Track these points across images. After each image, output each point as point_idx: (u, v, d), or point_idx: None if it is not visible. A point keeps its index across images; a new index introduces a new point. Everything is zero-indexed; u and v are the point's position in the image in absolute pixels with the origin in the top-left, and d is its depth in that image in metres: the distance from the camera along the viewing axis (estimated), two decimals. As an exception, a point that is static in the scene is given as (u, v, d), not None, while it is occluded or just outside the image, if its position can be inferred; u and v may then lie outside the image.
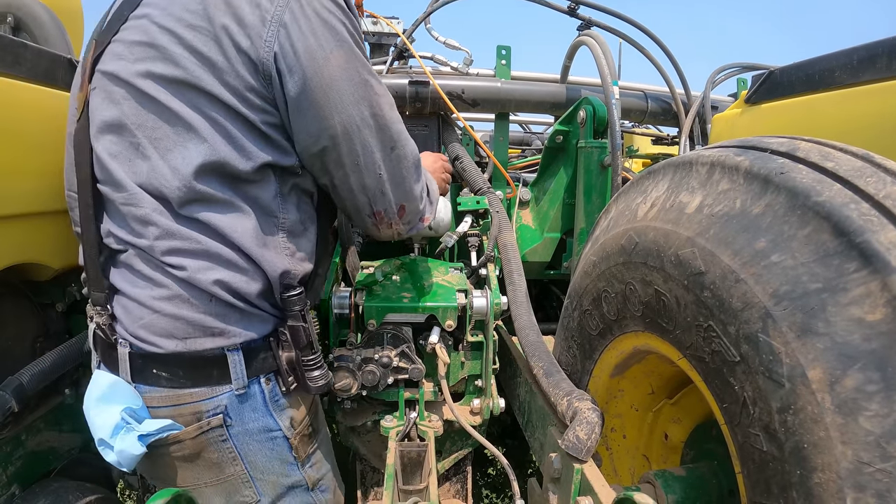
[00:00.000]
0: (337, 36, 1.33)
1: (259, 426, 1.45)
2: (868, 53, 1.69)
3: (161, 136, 1.31)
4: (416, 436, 1.85)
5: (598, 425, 1.33)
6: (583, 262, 1.66)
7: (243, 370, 1.39)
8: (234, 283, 1.35)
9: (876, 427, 0.85)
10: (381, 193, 1.47)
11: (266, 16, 1.28)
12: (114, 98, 1.34)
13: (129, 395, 1.36)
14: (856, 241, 0.92)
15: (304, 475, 1.56)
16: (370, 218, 1.52)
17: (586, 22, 2.96)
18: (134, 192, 1.32)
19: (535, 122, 5.22)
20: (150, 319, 1.34)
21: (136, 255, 1.36)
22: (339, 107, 1.34)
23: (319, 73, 1.31)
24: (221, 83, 1.29)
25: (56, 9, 2.51)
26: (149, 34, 1.31)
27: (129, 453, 1.30)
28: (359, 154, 1.40)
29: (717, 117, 2.59)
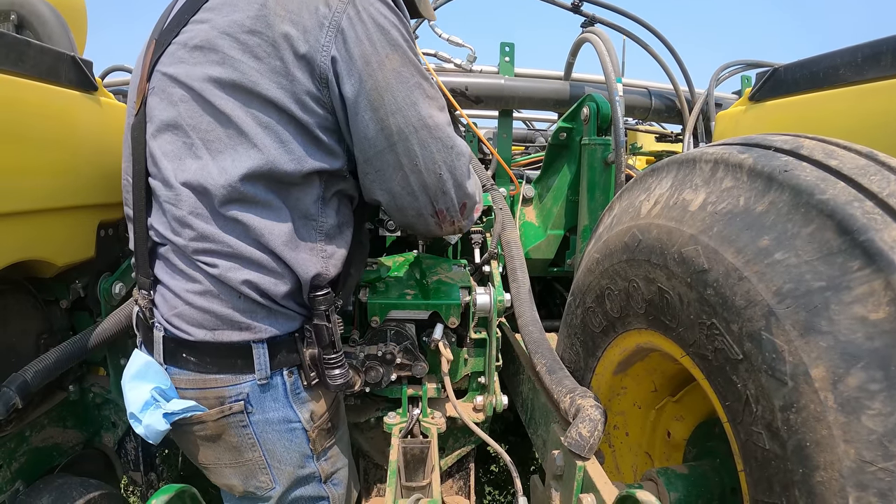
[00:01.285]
0: (391, 40, 1.38)
1: (279, 416, 1.51)
2: (872, 51, 1.68)
3: (214, 138, 1.36)
4: (419, 432, 1.85)
5: (601, 422, 1.32)
6: (586, 259, 1.66)
7: (267, 362, 1.46)
8: (262, 284, 1.41)
9: (878, 426, 0.85)
10: (441, 192, 1.51)
11: (324, 21, 1.33)
12: (172, 99, 1.39)
13: (159, 375, 1.46)
14: (859, 239, 0.91)
15: (318, 467, 1.60)
16: (433, 218, 1.56)
17: (590, 19, 2.96)
18: (178, 192, 1.38)
19: (539, 119, 5.22)
20: (183, 310, 1.42)
21: (173, 250, 1.43)
22: (395, 109, 1.38)
23: (374, 76, 1.36)
24: (278, 86, 1.33)
25: (59, 6, 2.50)
26: (209, 39, 1.35)
27: (155, 428, 1.40)
28: (417, 154, 1.44)
29: (720, 114, 2.59)
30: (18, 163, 1.57)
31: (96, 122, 1.88)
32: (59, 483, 1.86)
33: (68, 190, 1.78)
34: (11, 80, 1.54)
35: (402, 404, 1.91)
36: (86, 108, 1.84)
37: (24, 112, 1.59)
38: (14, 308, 1.88)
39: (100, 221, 2.01)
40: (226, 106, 1.34)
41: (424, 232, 1.66)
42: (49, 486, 1.84)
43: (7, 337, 1.85)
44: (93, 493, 1.85)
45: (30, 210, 1.64)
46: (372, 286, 1.92)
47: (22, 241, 1.66)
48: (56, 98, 1.71)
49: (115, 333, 1.93)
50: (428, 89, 1.45)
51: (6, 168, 1.53)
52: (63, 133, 1.74)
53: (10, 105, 1.53)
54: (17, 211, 1.60)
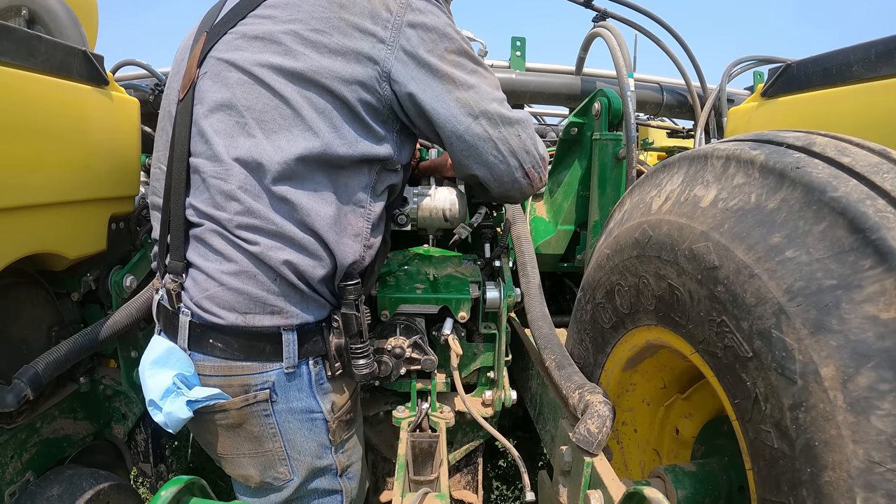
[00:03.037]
0: (446, 33, 1.48)
1: (302, 406, 1.51)
2: (886, 48, 1.67)
3: (269, 119, 1.39)
4: (428, 427, 1.86)
5: (610, 419, 1.32)
6: (596, 254, 1.65)
7: (295, 350, 1.47)
8: (302, 266, 1.42)
9: (888, 426, 0.84)
10: (525, 152, 1.61)
11: (387, 24, 1.42)
12: (227, 82, 1.43)
13: (183, 361, 1.44)
14: (871, 237, 0.91)
15: (335, 459, 1.61)
16: (524, 179, 1.64)
17: (602, 13, 2.94)
18: (229, 167, 1.40)
19: (550, 114, 5.21)
20: (215, 291, 1.42)
21: (212, 229, 1.43)
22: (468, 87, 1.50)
23: (441, 66, 1.46)
24: (338, 79, 1.39)
25: (70, 1, 2.52)
26: (271, 32, 1.41)
27: (176, 416, 1.39)
28: (498, 122, 1.54)
29: (732, 110, 2.57)
30: (31, 157, 1.58)
31: (107, 116, 1.89)
32: (70, 474, 1.87)
33: (80, 183, 1.79)
34: (23, 74, 1.54)
35: (411, 398, 1.91)
36: (97, 102, 1.85)
37: (36, 106, 1.59)
38: (26, 300, 1.90)
39: (111, 215, 2.02)
40: (284, 90, 1.38)
41: (519, 196, 1.74)
42: (59, 476, 1.86)
43: (19, 329, 1.87)
44: (102, 484, 1.87)
45: (41, 203, 1.65)
46: (382, 280, 1.93)
47: (34, 235, 1.67)
48: (67, 92, 1.72)
49: (126, 326, 1.94)
50: (483, 70, 1.58)
51: (18, 162, 1.54)
52: (74, 127, 1.75)
53: (21, 99, 1.54)
54: (29, 204, 1.61)
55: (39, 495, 1.78)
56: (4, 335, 1.82)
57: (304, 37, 1.39)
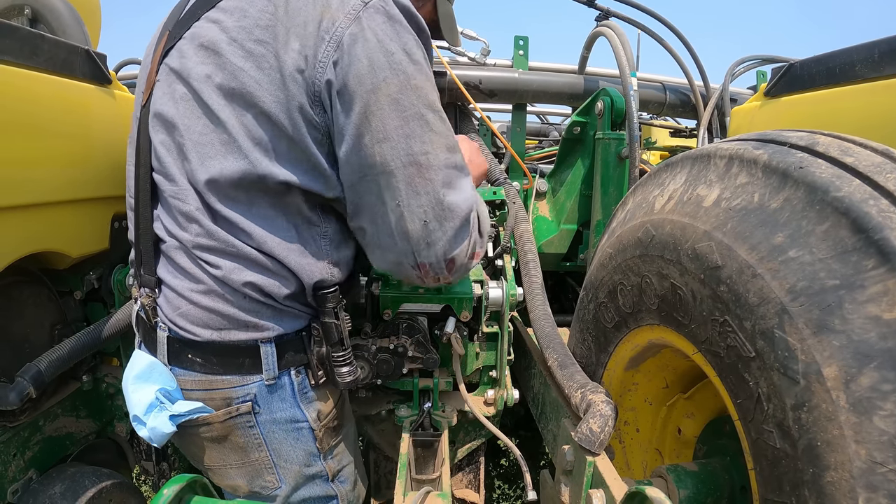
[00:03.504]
0: (394, 63, 1.27)
1: (286, 416, 1.49)
2: (889, 47, 1.66)
3: (206, 142, 1.33)
4: (430, 425, 1.85)
5: (612, 418, 1.32)
6: (599, 254, 1.65)
7: (275, 362, 1.44)
8: (266, 286, 1.38)
9: (890, 427, 0.84)
10: (426, 245, 1.35)
11: (325, 36, 1.25)
12: (174, 96, 1.38)
13: (164, 376, 1.43)
14: (874, 237, 0.91)
15: (324, 466, 1.59)
16: (414, 270, 1.40)
17: (605, 12, 2.94)
18: (183, 188, 1.36)
19: (553, 113, 5.20)
20: (188, 310, 1.40)
21: (178, 248, 1.40)
22: (382, 137, 1.27)
23: (366, 99, 1.26)
24: (275, 100, 1.28)
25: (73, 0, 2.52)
26: (216, 41, 1.32)
27: (160, 431, 1.38)
28: (401, 194, 1.30)
29: (735, 110, 2.57)
30: (34, 156, 1.58)
31: (110, 114, 1.89)
32: (72, 472, 1.88)
33: (83, 182, 1.80)
34: (26, 73, 1.55)
35: (413, 397, 1.91)
36: (100, 101, 1.85)
37: (39, 105, 1.60)
38: (29, 299, 1.90)
39: (114, 213, 2.02)
40: (221, 112, 1.31)
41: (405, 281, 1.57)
42: (62, 474, 1.86)
43: (22, 327, 1.87)
44: (105, 482, 1.87)
45: (44, 202, 1.66)
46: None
47: (37, 233, 1.67)
48: (70, 91, 1.72)
49: (129, 324, 1.94)
50: (434, 123, 1.32)
51: (22, 160, 1.54)
52: (77, 126, 1.75)
53: (24, 98, 1.54)
54: (32, 203, 1.61)
55: (42, 493, 1.79)
56: (7, 333, 1.82)
57: (246, 49, 1.29)
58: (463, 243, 1.39)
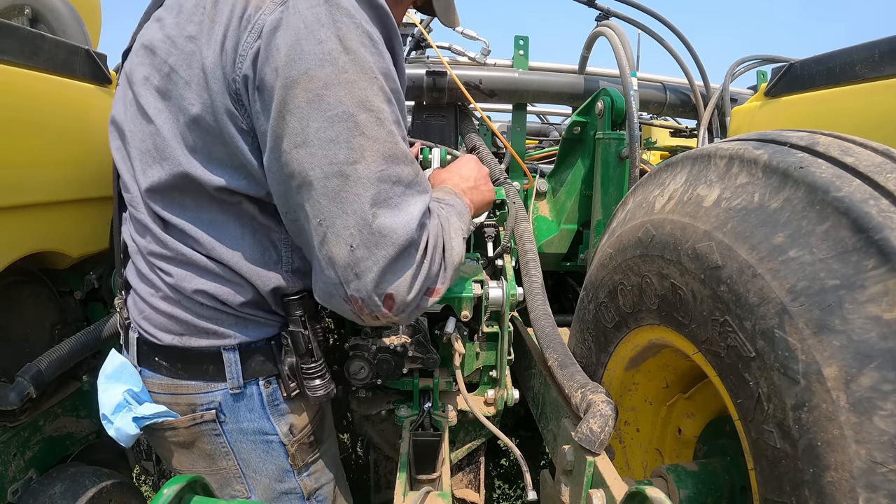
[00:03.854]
0: (324, 53, 1.08)
1: (254, 427, 1.43)
2: (890, 47, 1.66)
3: (145, 149, 1.28)
4: (430, 425, 1.86)
5: (612, 418, 1.32)
6: (599, 254, 1.65)
7: (239, 371, 1.37)
8: (218, 293, 1.32)
9: (891, 427, 0.84)
10: (354, 275, 1.13)
11: (248, 25, 1.11)
12: (126, 100, 1.34)
13: (133, 377, 1.41)
14: (874, 237, 0.91)
15: (299, 483, 1.53)
16: (347, 304, 1.18)
17: (605, 12, 2.94)
18: (135, 195, 1.33)
19: (553, 113, 5.20)
20: (149, 314, 1.37)
21: (138, 253, 1.37)
22: (300, 141, 1.09)
23: (283, 97, 1.09)
24: (201, 102, 1.18)
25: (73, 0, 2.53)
26: (154, 41, 1.26)
27: (125, 432, 1.37)
28: (323, 210, 1.12)
29: (736, 110, 2.57)
30: (33, 155, 1.58)
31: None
32: (72, 472, 1.87)
33: (83, 182, 1.79)
34: (26, 73, 1.54)
35: (413, 397, 1.91)
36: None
37: (39, 105, 1.59)
38: (29, 299, 1.90)
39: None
40: (157, 117, 1.24)
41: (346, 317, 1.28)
42: (62, 474, 1.85)
43: (22, 327, 1.87)
44: (105, 482, 1.87)
45: (45, 202, 1.66)
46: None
47: (37, 233, 1.67)
48: (70, 91, 1.72)
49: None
50: (367, 126, 1.10)
51: (22, 161, 1.54)
52: (77, 126, 1.75)
53: (24, 98, 1.54)
54: (33, 203, 1.61)
55: (42, 493, 1.79)
56: (7, 333, 1.82)
57: (178, 46, 1.19)
58: (402, 276, 1.16)
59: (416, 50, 2.96)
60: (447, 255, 1.28)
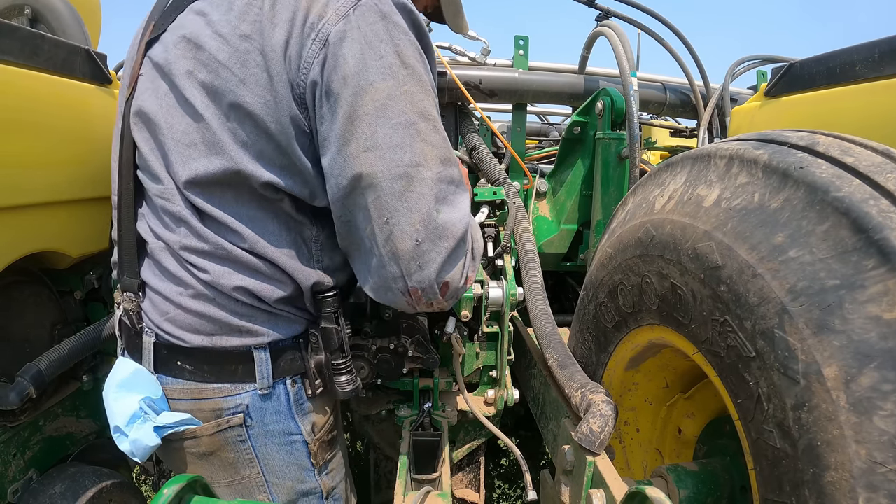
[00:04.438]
0: (386, 66, 1.18)
1: (280, 429, 1.42)
2: (890, 47, 1.66)
3: (188, 142, 1.27)
4: (430, 425, 1.86)
5: (612, 418, 1.32)
6: (599, 254, 1.65)
7: (269, 370, 1.37)
8: (258, 290, 1.32)
9: (891, 427, 0.84)
10: (417, 267, 1.23)
11: (311, 33, 1.17)
12: (158, 92, 1.32)
13: (150, 384, 1.35)
14: (875, 237, 0.91)
15: (319, 482, 1.53)
16: (404, 296, 1.28)
17: (605, 12, 2.93)
18: (169, 187, 1.31)
19: (553, 113, 5.20)
20: (175, 314, 1.34)
21: (165, 249, 1.34)
22: (369, 145, 1.17)
23: (352, 105, 1.16)
24: (261, 101, 1.22)
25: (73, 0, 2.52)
26: (200, 35, 1.25)
27: (143, 444, 1.29)
28: (390, 209, 1.19)
29: (736, 110, 2.57)
30: (34, 156, 1.58)
31: (110, 114, 1.89)
32: (72, 472, 1.88)
33: (83, 182, 1.79)
34: (26, 73, 1.54)
35: (413, 397, 1.91)
36: (100, 100, 1.85)
37: (39, 105, 1.60)
38: (29, 299, 1.90)
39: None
40: (205, 112, 1.24)
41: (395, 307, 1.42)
42: (62, 474, 1.86)
43: (22, 327, 1.87)
44: (105, 481, 1.87)
45: (45, 202, 1.66)
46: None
47: (37, 233, 1.67)
48: (71, 91, 1.72)
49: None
50: (427, 133, 1.21)
51: (22, 161, 1.54)
52: (78, 126, 1.75)
53: (24, 98, 1.54)
54: (32, 203, 1.61)
55: (42, 493, 1.79)
56: (7, 333, 1.82)
57: (231, 44, 1.21)
58: (457, 265, 1.28)
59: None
60: (476, 245, 1.41)
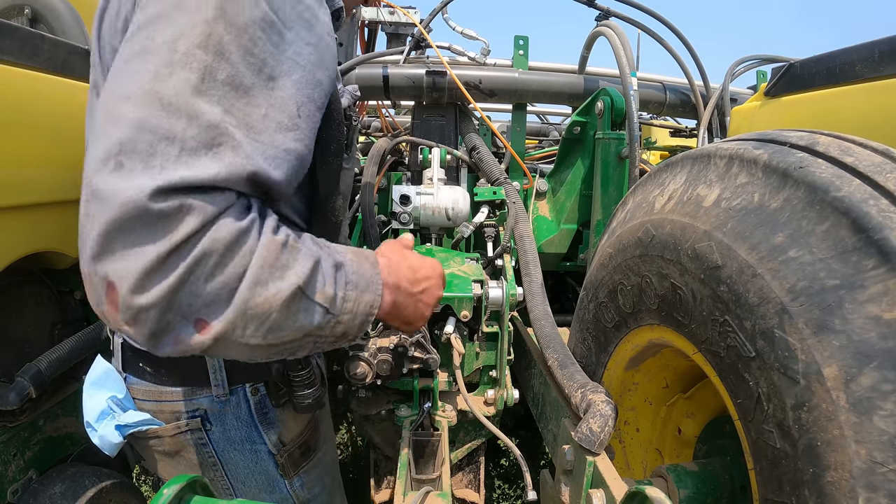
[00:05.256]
0: None
1: (242, 436, 1.39)
2: (889, 47, 1.66)
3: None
4: (430, 425, 1.86)
5: (612, 418, 1.32)
6: (599, 254, 1.65)
7: (223, 376, 1.33)
8: None
9: (891, 427, 0.84)
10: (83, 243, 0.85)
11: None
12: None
13: (117, 383, 1.35)
14: (874, 237, 0.91)
15: (291, 493, 1.49)
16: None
17: (605, 12, 2.94)
18: None
19: (553, 113, 5.20)
20: None
21: None
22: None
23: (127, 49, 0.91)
24: None
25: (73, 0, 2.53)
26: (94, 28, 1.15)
27: (109, 440, 1.30)
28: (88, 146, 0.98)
29: (735, 110, 2.57)
30: (34, 155, 1.58)
31: (111, 113, 1.89)
32: (72, 472, 1.87)
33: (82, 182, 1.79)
34: (26, 73, 1.54)
35: (413, 397, 1.91)
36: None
37: (39, 105, 1.59)
38: (29, 299, 1.90)
39: (114, 213, 2.02)
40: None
41: None
42: (62, 474, 1.85)
43: (22, 327, 1.87)
44: (105, 482, 1.87)
45: (44, 202, 1.65)
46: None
47: (37, 233, 1.67)
48: (70, 91, 1.71)
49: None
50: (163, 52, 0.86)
51: (22, 160, 1.54)
52: (77, 125, 1.74)
53: (24, 98, 1.54)
54: (32, 203, 1.61)
55: (42, 493, 1.78)
56: (7, 333, 1.82)
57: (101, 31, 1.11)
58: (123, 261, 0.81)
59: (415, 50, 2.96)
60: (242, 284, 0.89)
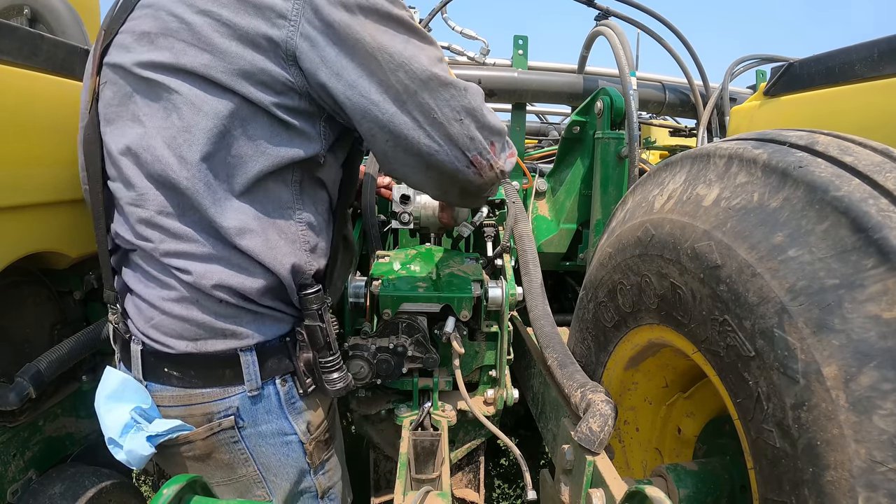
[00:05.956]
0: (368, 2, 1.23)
1: (273, 429, 1.42)
2: (889, 46, 1.66)
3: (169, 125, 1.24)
4: (430, 425, 1.85)
5: (612, 418, 1.32)
6: (598, 253, 1.65)
7: (257, 372, 1.36)
8: (237, 284, 1.30)
9: (890, 426, 0.84)
10: (469, 139, 1.35)
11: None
12: (126, 92, 1.29)
13: (139, 393, 1.35)
14: (874, 237, 0.91)
15: (315, 482, 1.53)
16: (470, 169, 1.39)
17: (604, 12, 2.94)
18: (142, 191, 1.27)
19: (552, 113, 5.21)
20: (160, 320, 1.32)
21: (143, 255, 1.33)
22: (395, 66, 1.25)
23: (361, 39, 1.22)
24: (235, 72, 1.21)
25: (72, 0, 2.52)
26: (156, 23, 1.24)
27: (138, 453, 1.29)
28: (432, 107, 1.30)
29: (735, 109, 2.57)
30: (33, 156, 1.58)
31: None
32: (72, 472, 1.87)
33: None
34: (25, 73, 1.54)
35: (412, 397, 1.91)
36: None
37: (38, 105, 1.59)
38: (28, 299, 1.90)
39: (114, 213, 2.02)
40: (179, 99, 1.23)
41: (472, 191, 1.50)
42: (62, 474, 1.85)
43: (21, 327, 1.87)
44: (105, 482, 1.87)
45: (44, 202, 1.65)
46: (384, 279, 1.92)
47: (36, 233, 1.67)
48: (69, 91, 1.71)
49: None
50: (417, 41, 1.30)
51: (20, 161, 1.54)
52: (76, 125, 1.75)
53: (23, 98, 1.54)
54: (32, 203, 1.61)
55: (42, 493, 1.79)
56: (7, 333, 1.82)
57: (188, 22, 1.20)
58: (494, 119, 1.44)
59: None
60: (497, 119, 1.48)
